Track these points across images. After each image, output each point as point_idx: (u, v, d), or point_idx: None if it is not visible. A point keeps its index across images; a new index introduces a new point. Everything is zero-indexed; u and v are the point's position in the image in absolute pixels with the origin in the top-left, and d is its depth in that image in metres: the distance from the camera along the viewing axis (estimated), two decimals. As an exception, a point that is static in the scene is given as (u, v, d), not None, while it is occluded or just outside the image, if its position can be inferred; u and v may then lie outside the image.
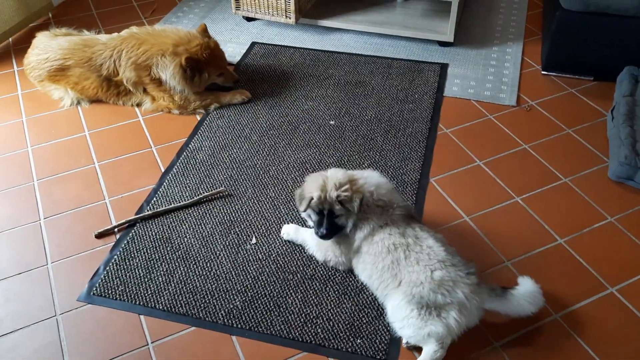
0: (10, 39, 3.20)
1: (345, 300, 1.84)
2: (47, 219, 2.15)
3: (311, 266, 1.95)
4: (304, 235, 1.98)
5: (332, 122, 2.56)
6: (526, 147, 2.42)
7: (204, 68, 2.56)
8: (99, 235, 2.08)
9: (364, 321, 1.78)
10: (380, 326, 1.76)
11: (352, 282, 1.88)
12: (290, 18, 3.09)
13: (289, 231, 2.02)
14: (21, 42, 3.17)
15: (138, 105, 2.69)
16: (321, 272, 1.93)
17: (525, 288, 1.68)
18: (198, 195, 2.22)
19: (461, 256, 1.72)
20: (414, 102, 2.67)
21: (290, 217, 2.12)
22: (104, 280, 1.92)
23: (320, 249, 1.91)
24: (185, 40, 2.53)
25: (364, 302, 1.83)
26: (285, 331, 1.76)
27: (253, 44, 3.12)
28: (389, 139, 2.46)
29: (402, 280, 1.68)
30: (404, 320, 1.65)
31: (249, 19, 3.30)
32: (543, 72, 2.84)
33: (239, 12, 3.21)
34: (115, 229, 2.10)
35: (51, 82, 2.70)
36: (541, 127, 2.52)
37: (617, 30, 2.56)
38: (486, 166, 2.33)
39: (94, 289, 1.90)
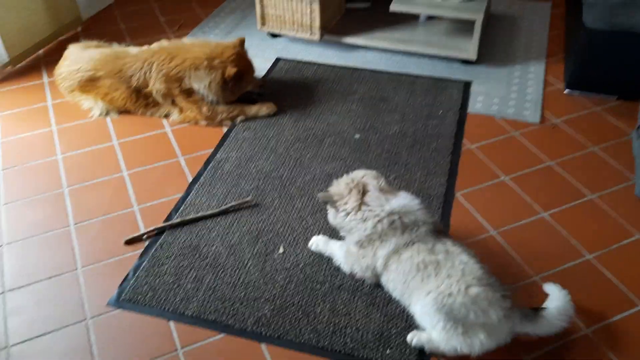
0: (40, 51, 3.28)
1: (374, 311, 1.84)
2: (77, 225, 2.18)
3: (339, 277, 1.96)
4: (332, 247, 1.99)
5: (357, 136, 2.59)
6: (551, 163, 2.43)
7: (242, 78, 2.63)
8: (128, 242, 2.10)
9: (393, 332, 1.78)
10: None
11: (381, 293, 1.88)
12: (314, 35, 3.14)
13: (318, 242, 2.03)
14: (51, 54, 3.24)
15: (166, 116, 2.73)
16: (349, 282, 1.93)
17: (555, 304, 1.65)
18: (225, 204, 2.24)
19: (494, 274, 1.70)
20: (438, 118, 2.69)
21: (317, 228, 2.14)
22: (133, 286, 1.94)
23: (347, 261, 1.90)
24: (218, 51, 2.59)
25: (393, 313, 1.83)
26: (314, 340, 1.76)
27: (278, 59, 3.17)
28: (413, 154, 2.48)
29: (431, 290, 1.64)
30: (430, 329, 1.65)
31: (273, 35, 3.36)
32: (566, 91, 2.86)
33: (264, 28, 3.26)
34: (144, 236, 2.13)
35: (81, 93, 2.75)
36: (566, 144, 2.53)
37: (642, 50, 2.58)
38: (512, 182, 2.34)
39: (124, 294, 1.91)
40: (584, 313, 1.82)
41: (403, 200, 1.81)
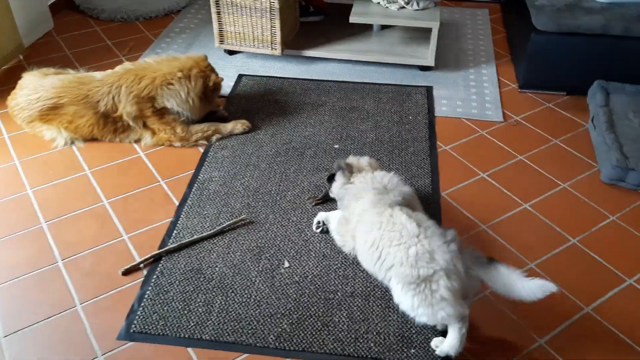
0: (-18, 83, 3.08)
1: (390, 313, 1.88)
2: (66, 260, 2.07)
3: (349, 284, 1.98)
4: (331, 217, 2.10)
5: (336, 146, 2.63)
6: (521, 157, 2.58)
7: (218, 90, 2.64)
8: (126, 272, 2.02)
9: (414, 331, 1.82)
10: (430, 334, 1.81)
11: (393, 295, 1.93)
12: (276, 49, 3.16)
13: (319, 218, 2.15)
14: (-5, 85, 3.06)
15: (136, 141, 2.64)
16: (361, 288, 1.96)
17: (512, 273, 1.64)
18: (220, 224, 2.20)
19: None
20: (409, 123, 2.79)
21: (317, 238, 2.15)
22: (141, 317, 1.86)
23: (338, 231, 2.03)
24: (191, 64, 2.56)
25: (409, 313, 1.88)
26: (339, 349, 1.77)
27: (240, 76, 3.16)
28: (394, 159, 2.55)
29: (391, 264, 1.70)
30: (412, 311, 1.68)
31: (231, 52, 3.34)
32: (520, 90, 3.05)
33: (222, 45, 3.24)
34: (141, 265, 2.05)
35: (42, 123, 2.61)
36: (530, 139, 2.70)
37: (586, 48, 2.81)
38: (490, 177, 2.46)
39: (133, 326, 1.83)
40: (582, 293, 1.95)
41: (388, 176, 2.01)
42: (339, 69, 3.23)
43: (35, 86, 2.60)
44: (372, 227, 1.79)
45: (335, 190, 2.14)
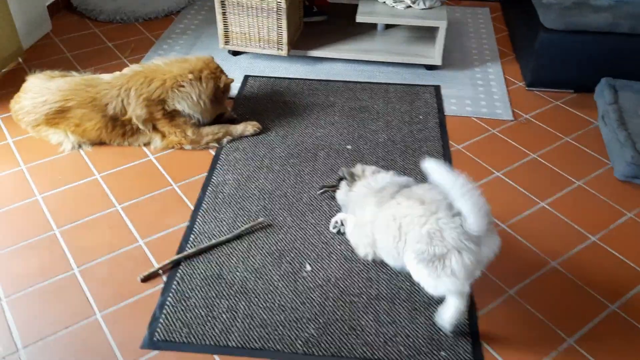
0: (-18, 87, 3.00)
1: (417, 315, 1.86)
2: (82, 267, 2.01)
3: (373, 286, 1.95)
4: (348, 219, 2.07)
5: (349, 147, 2.60)
6: (534, 156, 2.58)
7: (228, 91, 2.61)
8: (145, 279, 1.97)
9: (442, 333, 1.81)
10: (459, 336, 1.79)
11: (419, 297, 1.91)
12: (282, 50, 3.13)
13: (337, 219, 2.15)
14: (-6, 88, 2.99)
15: (146, 144, 2.60)
16: (385, 291, 1.94)
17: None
18: (238, 228, 2.17)
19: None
20: (420, 122, 2.77)
21: (337, 240, 2.12)
22: (164, 325, 1.82)
23: (353, 234, 2.02)
24: (201, 65, 2.52)
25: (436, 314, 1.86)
26: (369, 353, 1.75)
27: (246, 77, 3.13)
28: (407, 159, 2.54)
29: (406, 243, 1.73)
30: (422, 282, 1.71)
31: (235, 53, 3.30)
32: (527, 88, 3.06)
33: (227, 46, 3.20)
34: (160, 271, 2.01)
35: (49, 126, 2.55)
36: (541, 137, 2.70)
37: (593, 46, 2.82)
38: (505, 176, 2.46)
39: (156, 334, 1.79)
40: (606, 291, 1.95)
41: (380, 175, 2.05)
42: (344, 69, 3.21)
43: (41, 89, 2.54)
44: (387, 224, 1.79)
45: (339, 197, 2.17)
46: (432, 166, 1.66)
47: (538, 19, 2.86)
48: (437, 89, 3.04)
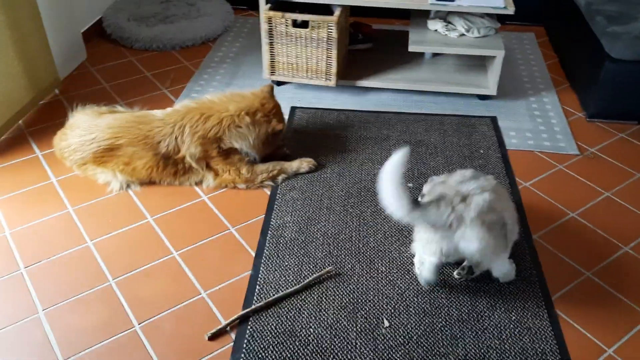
0: (20, 121, 2.88)
1: (512, 379, 1.71)
2: (143, 323, 1.88)
3: (459, 345, 1.81)
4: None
5: (410, 185, 2.47)
6: (609, 194, 2.44)
7: (282, 132, 2.49)
8: (212, 337, 1.83)
9: (543, 400, 1.66)
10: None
11: (512, 357, 1.76)
12: (330, 80, 3.01)
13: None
14: (33, 122, 2.87)
15: (197, 183, 2.47)
16: (473, 351, 1.79)
17: None
18: (305, 277, 2.03)
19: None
20: (482, 157, 2.64)
21: (412, 291, 1.98)
22: (239, 390, 1.68)
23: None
24: (257, 104, 2.41)
25: (533, 378, 1.71)
26: None
27: (293, 108, 3.01)
28: (474, 198, 2.40)
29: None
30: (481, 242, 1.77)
31: (279, 83, 3.19)
32: (588, 120, 2.92)
33: (273, 77, 3.09)
34: (228, 327, 1.86)
35: (96, 165, 2.43)
36: (612, 173, 2.56)
37: (661, 76, 2.69)
38: (581, 217, 2.32)
39: (232, 402, 1.65)
40: None
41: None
42: (393, 99, 3.09)
43: (89, 126, 2.42)
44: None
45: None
46: None
47: (602, 48, 2.74)
48: (494, 120, 2.91)
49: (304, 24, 2.87)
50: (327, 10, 2.94)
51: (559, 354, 1.78)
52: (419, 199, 1.99)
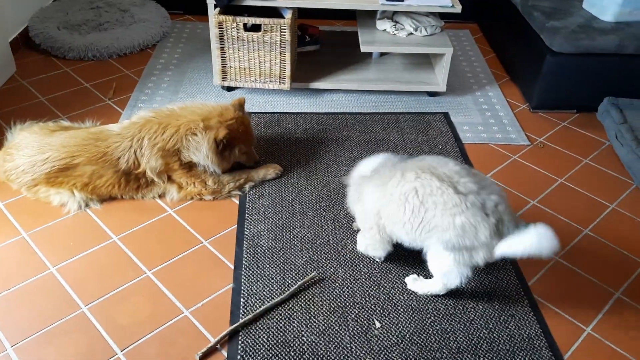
0: (-49, 142, 2.64)
1: (506, 366, 1.77)
2: (126, 350, 1.77)
3: (451, 339, 1.84)
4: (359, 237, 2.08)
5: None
6: (562, 180, 2.58)
7: (236, 144, 2.36)
8: (204, 357, 1.76)
9: (537, 383, 1.72)
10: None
11: (502, 345, 1.81)
12: (284, 84, 2.98)
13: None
14: (-34, 143, 2.64)
15: (160, 196, 2.36)
16: (465, 342, 1.83)
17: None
18: (289, 286, 1.99)
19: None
20: (441, 152, 2.71)
21: (397, 290, 2.00)
22: (241, 409, 1.62)
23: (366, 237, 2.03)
24: (217, 112, 2.32)
25: (525, 363, 1.78)
26: (470, 415, 1.63)
27: (248, 114, 2.94)
28: (441, 193, 2.45)
29: (434, 226, 1.74)
30: (445, 268, 1.80)
31: (229, 89, 3.11)
32: (532, 111, 3.07)
33: (225, 82, 3.01)
34: (218, 345, 1.80)
35: (49, 186, 2.26)
36: (561, 160, 2.71)
37: (598, 67, 2.87)
38: (541, 204, 2.43)
39: (235, 422, 1.59)
40: (677, 318, 1.94)
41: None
42: (347, 100, 3.10)
43: (40, 145, 2.25)
44: (405, 198, 1.77)
45: (350, 207, 2.14)
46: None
47: (543, 43, 2.89)
48: (446, 116, 2.99)
49: (255, 28, 2.82)
50: (275, 13, 2.90)
51: (543, 337, 1.86)
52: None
